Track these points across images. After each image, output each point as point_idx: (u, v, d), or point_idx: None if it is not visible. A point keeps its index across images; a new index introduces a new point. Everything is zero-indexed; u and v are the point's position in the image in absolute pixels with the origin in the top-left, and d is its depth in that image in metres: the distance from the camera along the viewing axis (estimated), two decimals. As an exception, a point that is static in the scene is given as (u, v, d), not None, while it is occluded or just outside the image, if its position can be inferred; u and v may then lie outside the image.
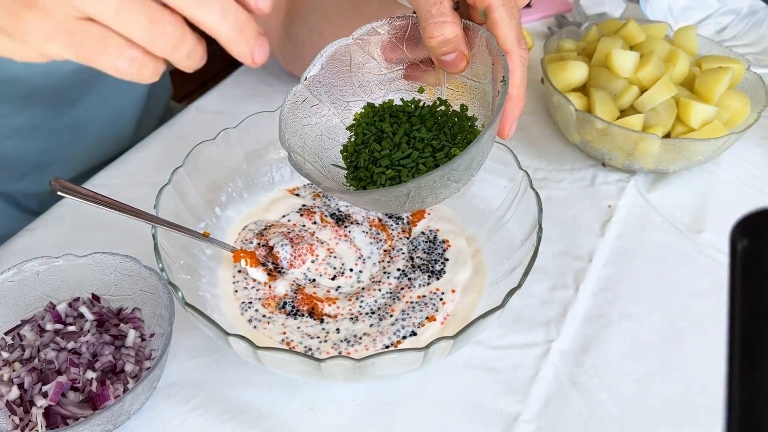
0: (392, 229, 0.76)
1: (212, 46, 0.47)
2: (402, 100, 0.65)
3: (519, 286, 0.62)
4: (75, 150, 0.96)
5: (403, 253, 0.74)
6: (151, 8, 0.42)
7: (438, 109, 0.63)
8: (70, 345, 0.64)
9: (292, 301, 0.69)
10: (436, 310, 0.69)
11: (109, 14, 0.42)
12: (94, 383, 0.62)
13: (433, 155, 0.58)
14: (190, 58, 0.45)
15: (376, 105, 0.65)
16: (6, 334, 0.66)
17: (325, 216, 0.77)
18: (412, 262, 0.73)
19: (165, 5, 0.42)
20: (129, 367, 0.63)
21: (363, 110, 0.65)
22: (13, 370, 0.63)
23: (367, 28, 0.63)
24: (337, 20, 0.84)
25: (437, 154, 0.58)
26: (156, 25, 0.42)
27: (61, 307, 0.67)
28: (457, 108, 0.62)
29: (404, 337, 0.66)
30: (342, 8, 0.83)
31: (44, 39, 0.43)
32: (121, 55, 0.43)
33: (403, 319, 0.67)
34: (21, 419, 0.60)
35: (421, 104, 0.63)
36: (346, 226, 0.75)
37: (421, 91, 0.65)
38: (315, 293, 0.70)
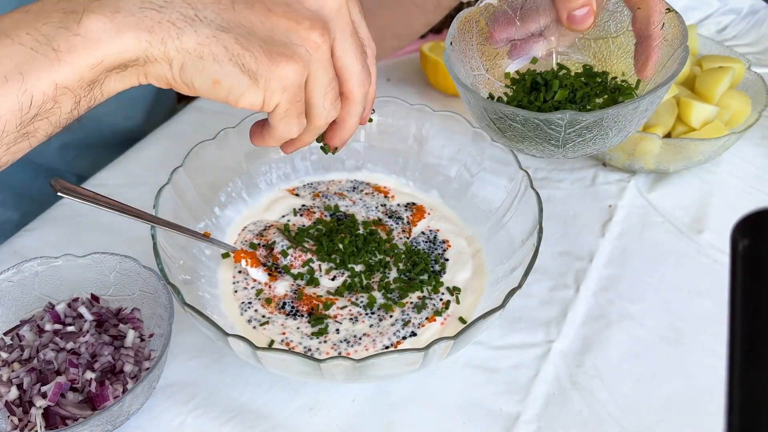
0: (392, 229, 0.76)
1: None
2: (517, 72, 0.65)
3: (519, 286, 0.61)
4: (87, 143, 0.96)
5: (403, 253, 0.74)
6: (338, 90, 0.51)
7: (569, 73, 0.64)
8: (70, 345, 0.64)
9: (292, 302, 0.69)
10: (436, 310, 0.68)
11: (324, 82, 0.48)
12: (94, 384, 0.61)
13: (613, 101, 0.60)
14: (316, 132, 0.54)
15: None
16: (5, 334, 0.66)
17: (325, 216, 0.77)
18: (412, 262, 0.72)
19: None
20: (128, 368, 0.63)
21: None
22: (13, 371, 0.63)
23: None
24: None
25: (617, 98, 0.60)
26: (336, 102, 0.51)
27: (61, 308, 0.67)
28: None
29: (404, 338, 0.66)
30: None
31: (281, 90, 0.47)
32: (301, 122, 0.51)
33: (403, 320, 0.67)
34: (20, 419, 0.60)
35: (560, 72, 0.65)
36: (345, 226, 0.75)
37: (534, 62, 0.66)
38: (315, 293, 0.70)
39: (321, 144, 0.58)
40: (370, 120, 0.60)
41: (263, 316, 0.68)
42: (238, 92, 0.46)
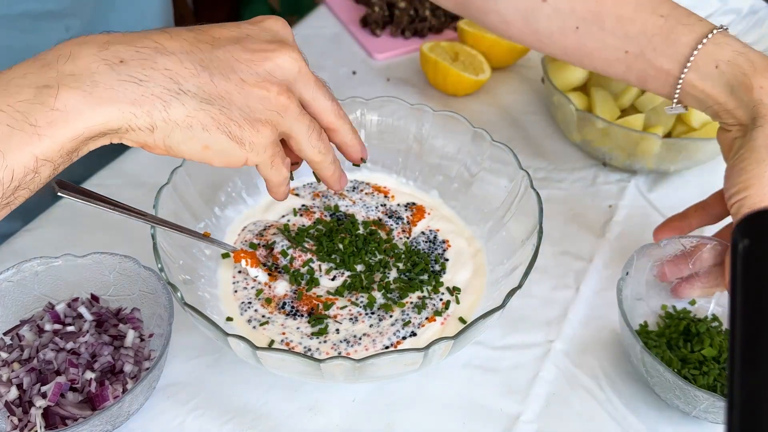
0: (392, 229, 0.76)
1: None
2: (674, 307, 0.72)
3: (519, 286, 0.61)
4: None
5: (403, 253, 0.73)
6: (318, 126, 0.58)
7: (712, 326, 0.71)
8: (69, 345, 0.64)
9: (292, 302, 0.69)
10: (436, 310, 0.68)
11: (303, 129, 0.55)
12: (93, 383, 0.61)
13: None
14: (334, 165, 0.62)
15: None
16: (5, 334, 0.66)
17: (325, 216, 0.77)
18: (412, 262, 0.72)
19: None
20: (128, 368, 0.63)
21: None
22: (12, 371, 0.63)
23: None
24: None
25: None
26: (321, 135, 0.58)
27: (60, 308, 0.67)
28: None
29: (404, 338, 0.66)
30: None
31: (262, 150, 0.53)
32: (287, 167, 0.57)
33: (403, 320, 0.67)
34: (20, 419, 0.60)
35: (713, 323, 0.71)
36: (345, 226, 0.75)
37: (693, 303, 0.73)
38: (315, 293, 0.69)
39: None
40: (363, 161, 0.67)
41: (263, 316, 0.68)
42: (224, 156, 0.52)
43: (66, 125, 0.45)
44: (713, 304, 0.72)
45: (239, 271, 0.72)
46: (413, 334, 0.66)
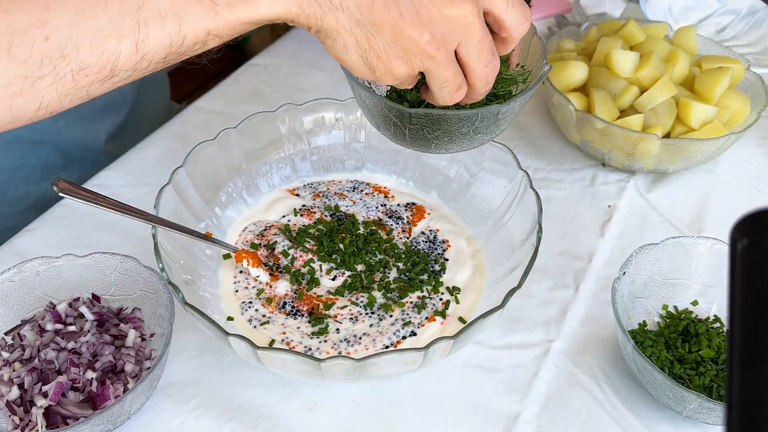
0: (392, 229, 0.76)
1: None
2: (675, 307, 0.72)
3: (519, 286, 0.62)
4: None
5: (403, 253, 0.74)
6: (492, 44, 0.54)
7: None
8: (71, 345, 0.64)
9: (292, 301, 0.69)
10: (436, 310, 0.69)
11: (474, 40, 0.52)
12: (94, 383, 0.62)
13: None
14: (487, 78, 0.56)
15: None
16: (6, 334, 0.66)
17: (326, 216, 0.77)
18: (412, 262, 0.73)
19: None
20: (129, 367, 0.63)
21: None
22: (14, 370, 0.63)
23: None
24: None
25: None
26: (493, 57, 0.55)
27: (62, 307, 0.67)
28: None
29: (404, 337, 0.66)
30: None
31: (391, 80, 0.53)
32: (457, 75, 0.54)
33: (403, 319, 0.67)
34: (21, 419, 0.60)
35: None
36: (346, 226, 0.75)
37: (695, 303, 0.73)
38: (315, 293, 0.70)
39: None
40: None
41: (264, 316, 0.68)
42: (358, 72, 0.53)
43: (244, 10, 0.48)
44: (715, 305, 0.72)
45: (240, 271, 0.72)
46: (413, 333, 0.67)
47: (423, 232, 0.77)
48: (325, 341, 0.66)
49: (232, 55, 1.42)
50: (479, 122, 0.61)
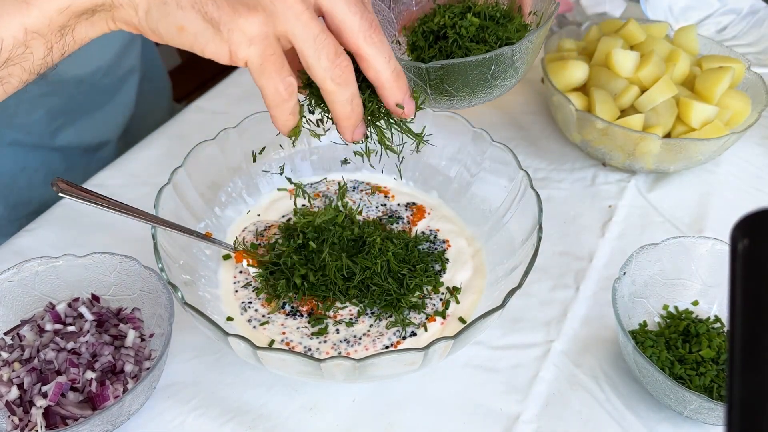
0: (392, 229, 0.76)
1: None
2: (675, 307, 0.73)
3: (519, 286, 0.62)
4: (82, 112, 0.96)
5: (403, 253, 0.73)
6: (337, 44, 0.47)
7: None
8: (70, 345, 0.64)
9: (292, 302, 0.69)
10: (436, 310, 0.68)
11: (308, 36, 0.46)
12: (94, 383, 0.61)
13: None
14: (351, 105, 0.50)
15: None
16: (6, 334, 0.66)
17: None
18: (412, 261, 0.72)
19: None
20: (128, 368, 0.63)
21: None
22: (13, 371, 0.63)
23: None
24: None
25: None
26: (338, 57, 0.47)
27: (61, 307, 0.67)
28: None
29: (404, 337, 0.66)
30: None
31: (247, 43, 0.45)
32: (285, 80, 0.47)
33: (403, 320, 0.67)
34: (20, 419, 0.60)
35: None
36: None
37: (695, 304, 0.73)
38: (315, 293, 0.69)
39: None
40: (420, 107, 0.55)
41: (263, 316, 0.68)
42: (203, 41, 0.45)
43: None
44: (716, 305, 0.72)
45: (240, 271, 0.72)
46: (413, 334, 0.67)
47: (423, 232, 0.77)
48: (325, 341, 0.66)
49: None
50: (495, 66, 0.59)
